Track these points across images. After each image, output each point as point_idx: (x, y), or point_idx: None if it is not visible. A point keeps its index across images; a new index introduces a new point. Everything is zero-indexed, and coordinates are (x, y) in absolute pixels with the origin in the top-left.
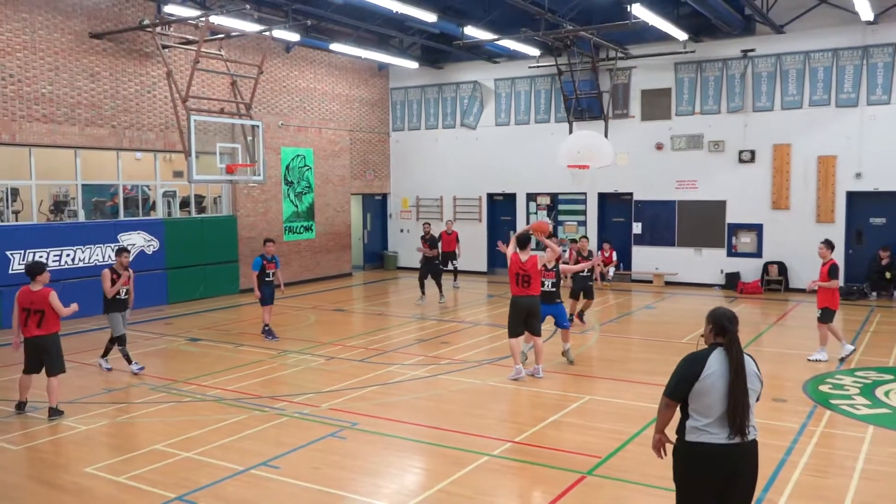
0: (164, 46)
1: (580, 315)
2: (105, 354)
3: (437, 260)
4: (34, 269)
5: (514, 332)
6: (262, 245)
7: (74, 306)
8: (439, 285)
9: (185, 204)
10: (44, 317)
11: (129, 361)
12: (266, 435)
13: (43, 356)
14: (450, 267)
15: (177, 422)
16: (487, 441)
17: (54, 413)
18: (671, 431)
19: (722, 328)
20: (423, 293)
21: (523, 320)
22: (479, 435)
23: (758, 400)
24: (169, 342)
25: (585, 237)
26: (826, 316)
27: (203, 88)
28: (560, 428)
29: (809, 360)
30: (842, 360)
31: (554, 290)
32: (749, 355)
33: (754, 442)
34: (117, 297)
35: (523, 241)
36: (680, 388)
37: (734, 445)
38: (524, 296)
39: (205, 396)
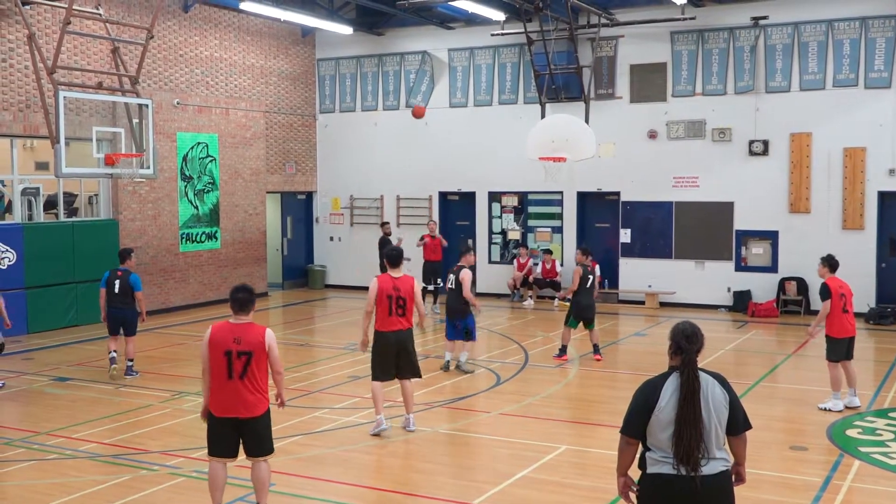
0: (25, 3)
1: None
2: None
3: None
4: None
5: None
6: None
7: None
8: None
9: (51, 204)
10: None
11: None
12: (156, 500)
13: None
14: (430, 286)
15: (39, 486)
16: None
17: None
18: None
19: (678, 348)
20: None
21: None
22: (428, 497)
23: (738, 433)
24: (30, 383)
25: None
26: (829, 351)
27: (76, 57)
28: (529, 486)
29: (819, 408)
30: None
31: None
32: (717, 376)
33: (721, 475)
34: None
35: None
36: (636, 422)
37: (691, 478)
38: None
39: (76, 452)
